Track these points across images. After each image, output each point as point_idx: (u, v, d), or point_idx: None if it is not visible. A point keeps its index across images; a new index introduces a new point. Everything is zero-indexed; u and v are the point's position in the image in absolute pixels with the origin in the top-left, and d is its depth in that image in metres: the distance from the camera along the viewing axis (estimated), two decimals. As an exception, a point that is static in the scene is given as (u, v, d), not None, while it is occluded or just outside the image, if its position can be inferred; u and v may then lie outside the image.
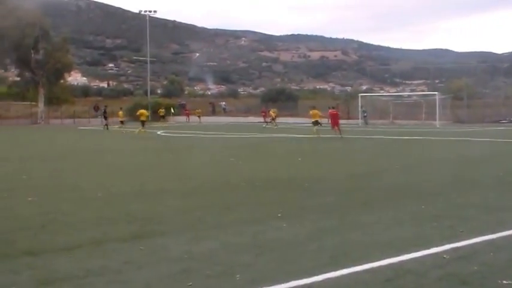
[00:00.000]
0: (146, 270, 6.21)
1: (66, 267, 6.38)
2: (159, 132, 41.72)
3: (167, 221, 9.08)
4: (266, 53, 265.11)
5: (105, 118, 51.53)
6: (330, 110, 37.07)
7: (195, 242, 7.54)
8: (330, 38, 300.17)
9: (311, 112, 36.77)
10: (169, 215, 9.58)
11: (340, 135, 33.19)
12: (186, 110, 76.51)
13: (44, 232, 8.25)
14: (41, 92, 72.68)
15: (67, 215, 9.65)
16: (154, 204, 10.69)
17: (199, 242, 7.54)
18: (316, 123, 35.55)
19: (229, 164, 19.11)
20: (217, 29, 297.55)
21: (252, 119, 65.18)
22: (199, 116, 70.04)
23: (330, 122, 35.86)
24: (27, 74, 75.62)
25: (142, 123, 40.05)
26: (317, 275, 5.92)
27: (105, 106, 56.78)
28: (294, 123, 56.57)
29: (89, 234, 8.06)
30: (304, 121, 56.95)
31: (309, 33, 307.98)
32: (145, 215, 9.57)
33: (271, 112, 54.61)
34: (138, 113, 41.40)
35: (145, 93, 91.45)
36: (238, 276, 5.96)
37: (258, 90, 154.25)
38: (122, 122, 48.50)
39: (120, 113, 47.57)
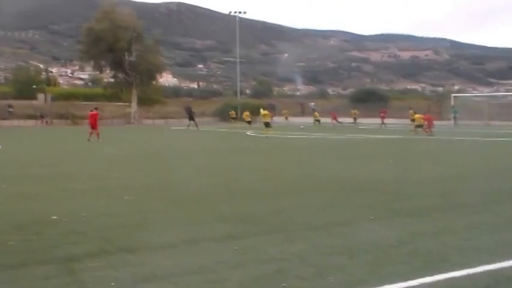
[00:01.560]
0: (240, 270, 6.29)
1: (163, 265, 6.51)
2: (248, 133, 41.94)
3: (258, 221, 9.14)
4: (355, 53, 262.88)
5: (191, 119, 52.26)
6: (425, 114, 37.37)
7: (287, 242, 7.57)
8: (421, 37, 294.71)
9: (416, 116, 38.37)
10: (260, 216, 9.63)
11: (431, 136, 32.88)
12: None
13: (141, 230, 8.45)
14: (134, 93, 74.46)
15: (162, 213, 9.88)
16: (245, 204, 10.81)
17: (291, 243, 7.56)
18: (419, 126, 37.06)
19: (319, 164, 19.07)
20: (306, 29, 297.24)
21: (341, 119, 64.63)
22: (286, 117, 70.06)
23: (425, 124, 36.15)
24: (121, 76, 77.54)
25: (266, 124, 39.82)
26: (412, 279, 5.85)
27: (190, 107, 57.93)
28: (383, 124, 55.80)
29: (183, 233, 8.22)
30: (396, 122, 56.27)
31: (399, 33, 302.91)
32: (237, 215, 9.67)
33: (352, 112, 54.29)
34: (262, 114, 41.08)
35: (235, 94, 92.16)
36: (331, 278, 5.95)
37: (347, 91, 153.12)
38: (249, 123, 48.32)
39: (246, 113, 46.97)
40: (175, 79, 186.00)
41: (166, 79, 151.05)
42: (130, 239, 7.87)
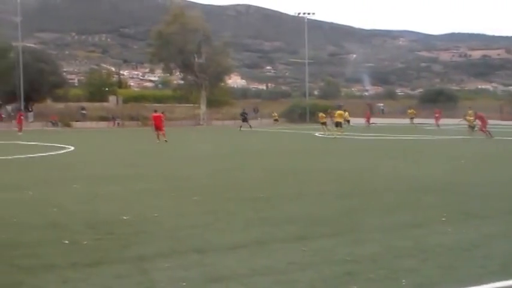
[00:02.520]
0: (310, 272, 6.25)
1: (233, 265, 6.54)
2: (316, 134, 41.76)
3: (327, 222, 9.08)
4: (424, 53, 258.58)
5: (245, 120, 52.48)
6: (478, 113, 36.39)
7: (357, 244, 7.49)
8: (493, 36, 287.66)
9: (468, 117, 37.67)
10: (329, 217, 9.57)
11: (490, 137, 32.28)
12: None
13: (210, 230, 8.49)
14: (203, 94, 75.12)
15: (231, 214, 9.91)
16: (314, 205, 10.74)
17: (362, 244, 7.48)
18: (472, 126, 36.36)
19: (388, 166, 18.82)
20: (374, 30, 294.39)
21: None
22: (348, 121, 69.17)
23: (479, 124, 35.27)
24: (190, 78, 78.32)
25: (338, 124, 39.52)
26: (486, 283, 5.71)
27: (244, 109, 58.20)
28: (453, 125, 54.44)
29: (252, 233, 8.24)
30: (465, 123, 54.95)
31: (469, 32, 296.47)
32: (306, 216, 9.63)
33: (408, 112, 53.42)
34: (336, 115, 40.74)
35: (303, 95, 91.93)
36: (403, 281, 5.86)
37: (416, 91, 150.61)
38: (324, 124, 47.62)
39: (340, 112, 46.12)
40: (244, 80, 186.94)
41: (235, 81, 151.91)
42: (200, 239, 7.92)
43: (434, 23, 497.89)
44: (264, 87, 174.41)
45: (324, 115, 48.42)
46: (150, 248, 7.32)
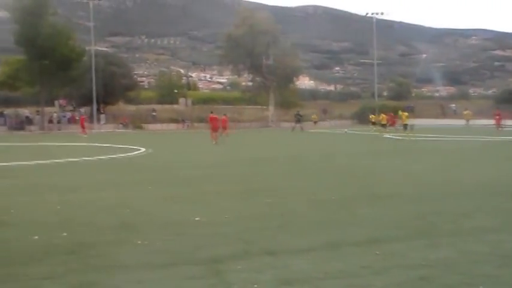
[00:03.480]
0: (383, 276, 6.14)
1: (305, 268, 6.47)
2: (386, 135, 41.29)
3: (400, 225, 8.91)
4: (498, 52, 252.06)
5: (299, 121, 52.26)
6: None
7: (431, 248, 7.31)
8: None
9: None
10: (401, 220, 9.38)
11: None
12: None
13: (282, 233, 8.44)
14: (272, 96, 75.33)
15: (302, 216, 9.84)
16: (385, 209, 10.57)
17: (436, 249, 7.30)
18: None
19: (460, 167, 18.42)
20: (445, 29, 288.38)
21: (484, 121, 62.20)
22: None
23: None
24: (259, 79, 78.69)
25: (405, 126, 39.06)
26: None
27: (299, 111, 57.95)
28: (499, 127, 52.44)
29: (324, 236, 8.15)
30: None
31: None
32: (378, 219, 9.47)
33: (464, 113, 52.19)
34: (400, 115, 40.20)
35: (373, 96, 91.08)
36: (481, 287, 5.69)
37: (490, 91, 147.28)
38: (384, 126, 47.12)
39: (406, 114, 45.42)
40: (312, 82, 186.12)
41: (303, 82, 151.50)
42: (272, 241, 7.88)
43: (509, 20, 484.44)
44: (333, 88, 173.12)
45: (384, 116, 47.75)
46: (222, 250, 7.32)
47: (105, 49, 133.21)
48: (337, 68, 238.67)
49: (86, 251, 7.32)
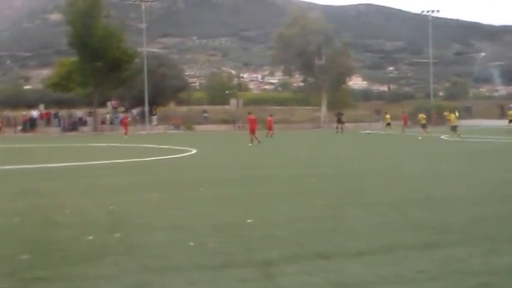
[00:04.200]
0: (441, 282, 5.96)
1: (359, 272, 6.35)
2: (443, 137, 40.52)
3: (458, 230, 8.66)
4: None
5: (340, 122, 51.89)
6: None
7: (493, 254, 7.07)
8: None
9: None
10: (459, 224, 9.12)
11: None
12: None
13: (335, 236, 8.33)
14: (324, 96, 74.95)
15: (356, 219, 9.67)
16: (442, 212, 10.30)
17: (498, 255, 7.06)
18: None
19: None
20: (505, 26, 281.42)
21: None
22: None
23: None
24: (311, 80, 78.38)
25: (453, 128, 38.35)
26: None
27: (340, 111, 57.70)
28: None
29: (378, 240, 7.99)
30: None
31: None
32: (434, 223, 9.22)
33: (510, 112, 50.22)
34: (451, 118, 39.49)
35: (427, 96, 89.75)
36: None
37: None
38: (424, 126, 46.06)
39: (453, 116, 43.89)
40: (365, 82, 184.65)
41: (356, 82, 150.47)
42: (325, 244, 7.76)
43: None
44: (386, 89, 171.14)
45: (424, 116, 46.75)
46: (274, 252, 7.23)
47: (157, 50, 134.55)
48: (390, 68, 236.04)
49: (139, 251, 7.34)
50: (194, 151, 29.17)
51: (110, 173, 18.72)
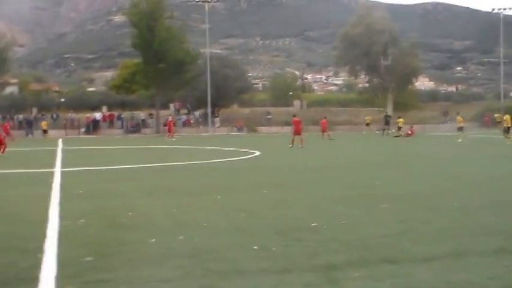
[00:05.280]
0: (514, 290, 5.72)
1: (428, 278, 6.19)
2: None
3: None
4: None
5: (387, 123, 51.02)
6: None
7: None
8: None
9: None
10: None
11: None
12: None
13: (402, 240, 8.12)
14: (389, 97, 73.99)
15: (423, 223, 9.43)
16: (512, 216, 9.98)
17: None
18: None
19: None
20: None
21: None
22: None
23: None
24: (376, 80, 77.47)
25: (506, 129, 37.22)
26: None
27: (387, 113, 57.17)
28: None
29: (447, 245, 7.76)
30: None
31: None
32: (505, 227, 8.96)
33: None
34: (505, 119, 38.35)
35: (497, 97, 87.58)
36: None
37: None
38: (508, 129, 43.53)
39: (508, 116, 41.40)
40: (432, 82, 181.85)
41: (423, 83, 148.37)
42: (391, 249, 7.59)
43: None
44: (454, 89, 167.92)
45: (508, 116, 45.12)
46: (339, 257, 7.12)
47: (220, 51, 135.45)
48: (458, 68, 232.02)
49: (203, 254, 7.30)
50: (257, 153, 29.15)
51: (174, 175, 18.89)
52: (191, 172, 20.26)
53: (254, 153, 29.14)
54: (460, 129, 39.33)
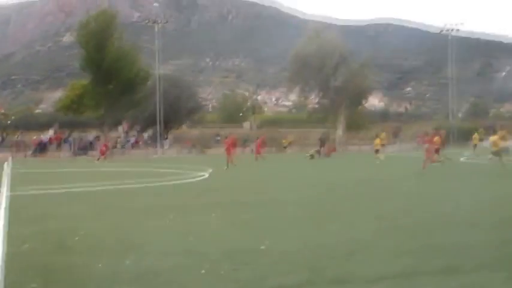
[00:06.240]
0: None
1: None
2: (462, 159, 39.57)
3: (477, 255, 8.38)
4: None
5: (323, 145, 51.58)
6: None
7: (513, 281, 6.82)
8: None
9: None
10: (479, 249, 8.85)
11: None
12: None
13: (351, 261, 8.11)
14: (340, 118, 74.44)
15: (372, 243, 9.42)
16: (462, 235, 10.05)
17: (520, 281, 6.79)
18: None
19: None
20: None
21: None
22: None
23: None
24: (327, 100, 77.90)
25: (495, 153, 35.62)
26: None
27: (323, 134, 57.89)
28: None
29: (394, 265, 7.76)
30: None
31: None
32: (452, 247, 8.97)
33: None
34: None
35: (447, 116, 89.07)
36: None
37: None
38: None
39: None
40: (383, 102, 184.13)
41: (373, 103, 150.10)
42: (340, 270, 7.57)
43: None
44: (404, 109, 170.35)
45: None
46: (289, 279, 7.07)
47: (170, 72, 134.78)
48: (408, 88, 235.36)
49: (150, 278, 7.22)
50: (206, 174, 28.96)
51: (122, 197, 18.66)
52: (140, 194, 20.03)
53: (203, 174, 28.93)
54: (377, 151, 39.78)
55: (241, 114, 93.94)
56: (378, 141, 39.27)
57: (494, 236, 9.99)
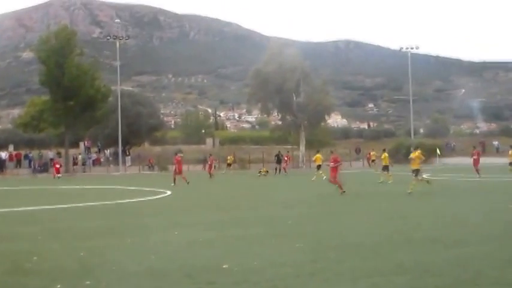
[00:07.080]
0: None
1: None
2: (424, 176, 39.72)
3: (441, 273, 8.36)
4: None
5: (279, 162, 52.71)
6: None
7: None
8: None
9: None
10: (442, 267, 8.83)
11: None
12: None
13: (314, 281, 8.02)
14: (302, 135, 74.47)
15: (335, 263, 9.35)
16: (424, 254, 10.00)
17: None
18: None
19: (508, 210, 17.62)
20: (485, 62, 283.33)
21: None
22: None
23: None
24: (289, 118, 77.88)
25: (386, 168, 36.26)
26: None
27: (279, 151, 58.35)
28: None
29: (359, 284, 7.71)
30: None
31: None
32: (417, 265, 8.93)
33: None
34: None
35: (408, 133, 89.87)
36: None
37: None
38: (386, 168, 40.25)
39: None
40: (345, 120, 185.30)
41: (335, 120, 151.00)
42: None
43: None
44: (366, 126, 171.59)
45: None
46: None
47: (131, 88, 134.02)
48: (370, 105, 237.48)
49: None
50: (168, 192, 28.68)
51: (82, 217, 18.25)
52: (100, 213, 19.67)
53: (165, 192, 28.64)
54: (319, 167, 40.06)
55: (203, 131, 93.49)
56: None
57: (455, 252, 9.99)
